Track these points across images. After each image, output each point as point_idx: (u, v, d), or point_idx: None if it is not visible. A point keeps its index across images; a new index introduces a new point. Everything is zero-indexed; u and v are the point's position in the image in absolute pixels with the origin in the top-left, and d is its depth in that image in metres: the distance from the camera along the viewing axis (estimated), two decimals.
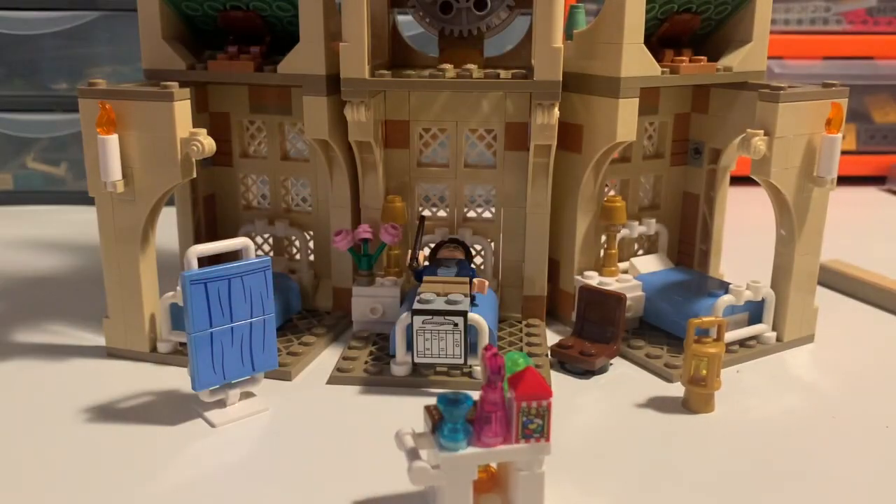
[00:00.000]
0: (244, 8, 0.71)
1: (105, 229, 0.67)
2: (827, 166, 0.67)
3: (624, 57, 0.66)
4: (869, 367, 0.70)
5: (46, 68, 1.23)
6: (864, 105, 1.45)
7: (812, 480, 0.53)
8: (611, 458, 0.55)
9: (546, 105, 0.67)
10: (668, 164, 0.82)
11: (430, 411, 0.30)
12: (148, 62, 0.72)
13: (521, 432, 0.30)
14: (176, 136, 0.62)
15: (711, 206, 0.81)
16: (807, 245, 0.71)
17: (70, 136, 1.25)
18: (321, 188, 0.79)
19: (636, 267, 0.80)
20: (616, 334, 0.69)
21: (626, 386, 0.66)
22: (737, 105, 0.75)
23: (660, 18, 0.72)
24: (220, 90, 0.78)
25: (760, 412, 0.62)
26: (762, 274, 0.73)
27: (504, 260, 0.78)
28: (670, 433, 0.59)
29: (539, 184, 0.73)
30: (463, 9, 0.76)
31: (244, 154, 0.81)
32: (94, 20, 1.21)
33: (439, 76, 0.70)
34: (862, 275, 0.88)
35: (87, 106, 0.64)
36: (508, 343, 0.71)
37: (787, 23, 1.41)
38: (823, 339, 0.75)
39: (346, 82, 0.67)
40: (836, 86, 0.68)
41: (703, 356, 0.60)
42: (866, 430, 0.59)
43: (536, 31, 0.66)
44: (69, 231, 1.11)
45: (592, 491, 0.51)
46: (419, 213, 0.78)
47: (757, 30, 0.73)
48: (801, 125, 0.66)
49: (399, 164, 0.77)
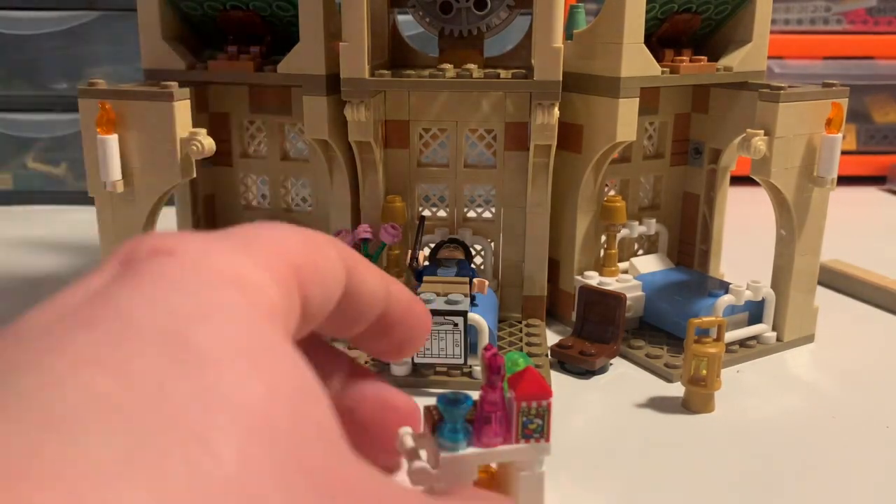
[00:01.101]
0: (244, 8, 0.71)
1: (105, 229, 0.67)
2: (827, 166, 0.67)
3: (624, 57, 0.66)
4: (869, 367, 0.70)
5: (46, 68, 1.23)
6: (865, 105, 1.45)
7: (812, 480, 0.53)
8: (611, 458, 0.55)
9: (546, 105, 0.67)
10: (668, 164, 0.82)
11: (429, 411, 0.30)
12: (148, 62, 0.72)
13: (521, 432, 0.30)
14: (176, 136, 0.62)
15: (711, 206, 0.81)
16: (807, 245, 0.71)
17: (70, 136, 1.25)
18: (321, 188, 0.79)
19: (636, 267, 0.80)
20: (616, 334, 0.69)
21: (626, 386, 0.66)
22: (737, 105, 0.75)
23: (660, 18, 0.72)
24: (219, 90, 0.78)
25: (760, 412, 0.62)
26: (762, 274, 0.73)
27: (504, 260, 0.78)
28: (670, 433, 0.58)
29: (539, 184, 0.73)
30: (463, 8, 0.76)
31: (244, 154, 0.81)
32: (93, 20, 1.21)
33: (439, 76, 0.70)
34: (862, 275, 0.88)
35: (86, 106, 0.64)
36: (508, 343, 0.71)
37: (787, 23, 1.40)
38: (823, 339, 0.75)
39: (346, 82, 0.67)
40: (836, 86, 0.68)
41: (703, 356, 0.60)
42: (866, 430, 0.59)
43: (536, 30, 0.66)
44: (69, 231, 1.11)
45: (592, 491, 0.51)
46: (419, 214, 0.78)
47: (757, 30, 0.73)
48: (801, 125, 0.66)
49: (399, 164, 0.77)
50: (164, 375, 0.17)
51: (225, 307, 0.20)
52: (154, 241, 0.21)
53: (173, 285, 0.20)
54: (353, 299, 0.26)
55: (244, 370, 0.18)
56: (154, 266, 0.20)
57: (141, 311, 0.19)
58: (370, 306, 0.27)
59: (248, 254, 0.22)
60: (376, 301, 0.28)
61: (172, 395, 0.17)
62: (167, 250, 0.21)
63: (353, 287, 0.26)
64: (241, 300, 0.20)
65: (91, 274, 0.21)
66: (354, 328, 0.28)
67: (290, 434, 0.18)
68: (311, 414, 0.20)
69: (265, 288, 0.21)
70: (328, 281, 0.25)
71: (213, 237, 0.22)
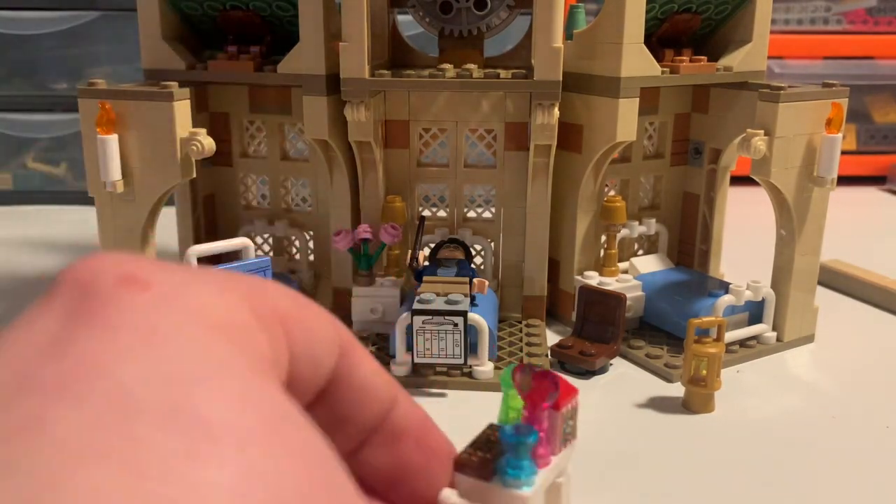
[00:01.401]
0: (244, 8, 0.71)
1: (105, 229, 0.67)
2: (827, 166, 0.67)
3: (624, 57, 0.66)
4: (869, 367, 0.70)
5: (46, 68, 1.23)
6: (865, 105, 1.45)
7: (812, 480, 0.53)
8: (611, 458, 0.55)
9: (546, 105, 0.67)
10: (668, 164, 0.82)
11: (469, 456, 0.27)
12: (148, 62, 0.72)
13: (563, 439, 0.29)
14: (176, 135, 0.62)
15: (711, 206, 0.81)
16: (807, 245, 0.71)
17: (70, 136, 1.25)
18: (321, 188, 0.79)
19: (636, 267, 0.80)
20: (616, 334, 0.69)
21: (626, 386, 0.66)
22: (737, 105, 0.75)
23: (660, 18, 0.72)
24: (219, 90, 0.78)
25: (760, 412, 0.62)
26: (762, 274, 0.73)
27: (504, 260, 0.78)
28: (670, 434, 0.58)
29: (539, 184, 0.73)
30: (463, 8, 0.76)
31: (244, 154, 0.81)
32: (93, 20, 1.21)
33: (439, 76, 0.70)
34: (862, 275, 0.88)
35: (86, 106, 0.63)
36: (508, 343, 0.71)
37: (787, 23, 1.40)
38: (824, 339, 0.75)
39: (346, 82, 0.67)
40: (836, 86, 0.68)
41: (703, 356, 0.60)
42: (866, 430, 0.59)
43: (536, 30, 0.66)
44: (69, 231, 1.11)
45: (593, 491, 0.51)
46: (419, 214, 0.78)
47: (757, 30, 0.73)
48: (801, 125, 0.66)
49: (399, 164, 0.77)
50: (181, 466, 0.15)
51: (222, 365, 0.17)
52: (120, 267, 0.18)
53: (160, 336, 0.17)
54: (346, 385, 0.23)
55: (265, 444, 0.16)
56: (126, 304, 0.17)
57: (133, 378, 0.16)
58: (368, 401, 0.24)
59: (230, 292, 0.19)
60: (377, 397, 0.24)
61: (195, 486, 0.15)
62: (140, 282, 0.18)
63: (347, 369, 0.23)
64: (233, 349, 0.18)
65: (38, 309, 0.17)
66: (349, 429, 0.24)
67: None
68: (328, 483, 0.17)
69: (253, 333, 0.19)
70: (318, 344, 0.21)
71: (188, 269, 0.20)
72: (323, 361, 0.22)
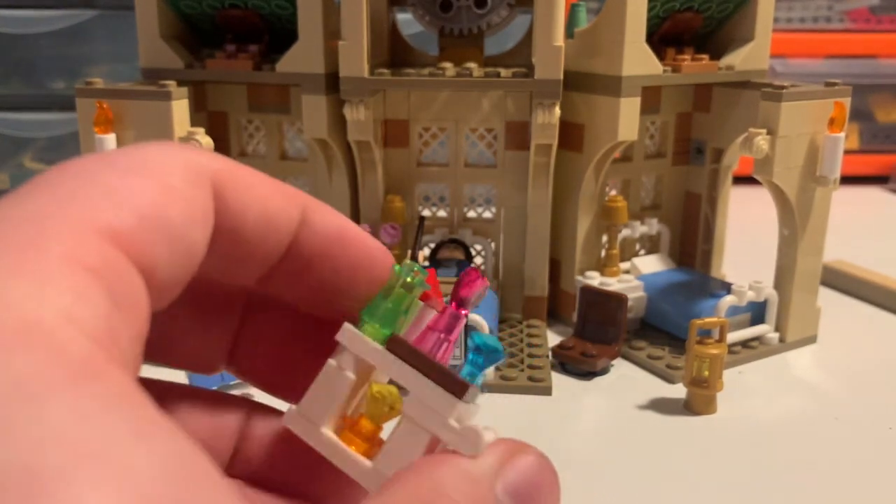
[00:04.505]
0: (242, 6, 0.71)
1: None
2: (830, 166, 0.66)
3: (625, 55, 0.66)
4: (872, 367, 0.70)
5: (44, 67, 1.23)
6: (867, 104, 1.44)
7: (815, 482, 0.52)
8: (612, 459, 0.55)
9: (547, 104, 0.67)
10: (669, 164, 0.81)
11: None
12: (146, 61, 0.72)
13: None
14: (174, 135, 0.62)
15: (713, 205, 0.80)
16: (809, 245, 0.70)
17: (68, 136, 1.24)
18: (320, 188, 0.79)
19: (638, 267, 0.79)
20: (618, 335, 0.68)
21: (627, 387, 0.65)
22: (739, 104, 0.74)
23: (661, 17, 0.72)
24: (218, 89, 0.78)
25: (763, 413, 0.61)
26: (765, 274, 0.73)
27: (504, 260, 0.77)
28: (672, 435, 0.58)
29: (540, 183, 0.73)
30: (463, 7, 0.75)
31: (242, 153, 0.80)
32: (91, 19, 1.21)
33: (439, 75, 0.69)
34: (865, 275, 0.87)
35: (84, 105, 0.63)
36: (509, 344, 0.71)
37: (789, 21, 1.40)
38: (826, 340, 0.74)
39: (345, 81, 0.67)
40: (838, 85, 0.67)
41: (705, 357, 0.60)
42: (869, 431, 0.59)
43: (537, 29, 0.66)
44: None
45: (593, 491, 0.51)
46: (419, 213, 0.77)
47: (759, 28, 0.73)
48: (803, 124, 0.66)
49: (399, 164, 0.76)
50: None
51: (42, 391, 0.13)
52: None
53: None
54: (232, 236, 0.20)
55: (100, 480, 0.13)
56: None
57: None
58: (262, 239, 0.21)
59: (27, 267, 0.15)
60: (273, 231, 0.21)
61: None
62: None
63: (231, 219, 0.20)
64: (46, 364, 0.14)
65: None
66: (248, 271, 0.21)
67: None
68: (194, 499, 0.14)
69: (64, 329, 0.15)
70: (180, 231, 0.18)
71: None
72: (193, 240, 0.19)
